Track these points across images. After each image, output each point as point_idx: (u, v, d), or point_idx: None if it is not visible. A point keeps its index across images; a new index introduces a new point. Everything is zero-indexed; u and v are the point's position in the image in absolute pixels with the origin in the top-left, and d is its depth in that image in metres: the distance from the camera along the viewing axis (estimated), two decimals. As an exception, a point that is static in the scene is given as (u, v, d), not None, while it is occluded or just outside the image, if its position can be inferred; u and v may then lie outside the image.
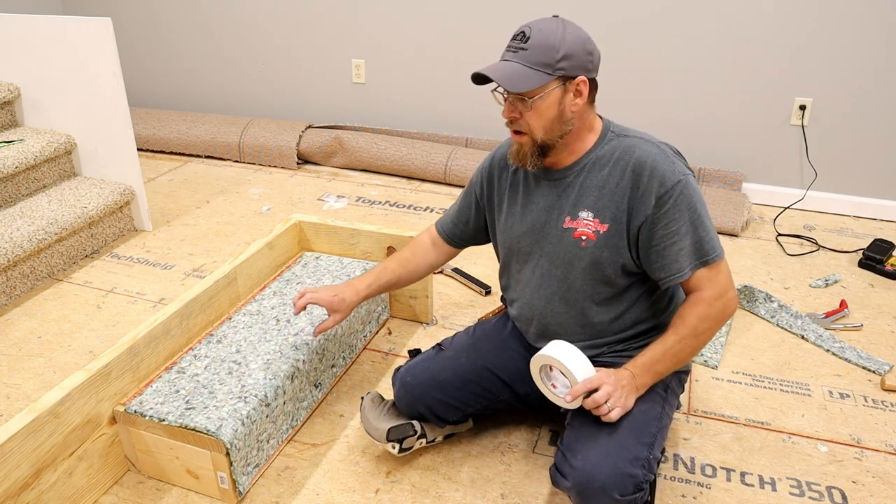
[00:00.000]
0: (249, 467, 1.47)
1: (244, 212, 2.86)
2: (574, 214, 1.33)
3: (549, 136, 1.27)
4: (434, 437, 1.56)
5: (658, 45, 2.85)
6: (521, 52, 1.23)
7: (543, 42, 1.22)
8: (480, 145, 3.24)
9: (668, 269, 1.28)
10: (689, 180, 1.27)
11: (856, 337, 2.03)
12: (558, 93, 1.25)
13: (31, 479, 1.31)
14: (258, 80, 3.61)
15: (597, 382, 1.25)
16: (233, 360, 1.62)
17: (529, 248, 1.41)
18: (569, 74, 1.24)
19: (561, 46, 1.23)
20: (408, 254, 1.63)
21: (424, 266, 1.63)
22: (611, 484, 1.19)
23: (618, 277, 1.34)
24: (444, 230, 1.61)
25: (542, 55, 1.22)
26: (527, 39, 1.23)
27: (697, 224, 1.27)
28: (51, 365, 1.91)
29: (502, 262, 1.52)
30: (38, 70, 2.57)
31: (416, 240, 1.65)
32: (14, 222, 2.29)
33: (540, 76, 1.22)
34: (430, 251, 1.63)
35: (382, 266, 1.61)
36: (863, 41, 2.59)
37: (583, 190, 1.32)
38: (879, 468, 1.55)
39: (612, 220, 1.30)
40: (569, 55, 1.23)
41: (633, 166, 1.28)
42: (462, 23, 3.10)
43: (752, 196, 2.93)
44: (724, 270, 1.30)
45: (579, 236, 1.32)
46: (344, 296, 1.54)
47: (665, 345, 1.30)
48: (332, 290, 1.55)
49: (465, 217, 1.57)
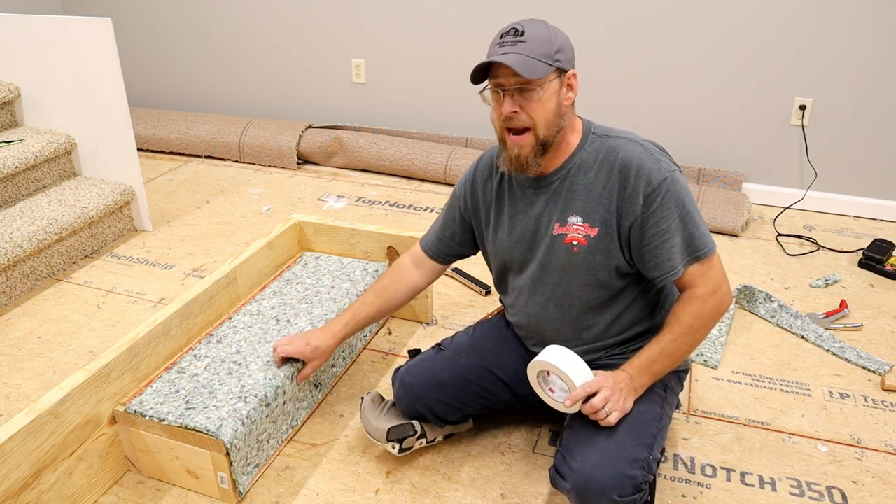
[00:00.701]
0: (249, 467, 1.47)
1: (244, 212, 2.86)
2: (563, 220, 1.32)
3: (549, 131, 1.26)
4: (434, 437, 1.56)
5: (658, 45, 2.85)
6: (521, 45, 1.22)
7: (540, 36, 1.23)
8: (480, 145, 3.24)
9: (662, 268, 1.28)
10: (676, 176, 1.27)
11: (856, 337, 2.03)
12: (556, 85, 1.25)
13: (31, 479, 1.31)
14: (258, 80, 3.61)
15: (595, 387, 1.25)
16: (233, 360, 1.62)
17: (522, 258, 1.40)
18: (563, 67, 1.25)
19: (554, 40, 1.24)
20: (386, 281, 1.58)
21: (405, 290, 1.58)
22: (610, 485, 1.19)
23: (612, 280, 1.33)
24: (429, 247, 1.57)
25: (542, 46, 1.22)
26: (522, 34, 1.22)
27: (687, 220, 1.26)
28: (51, 365, 1.91)
29: (496, 273, 1.51)
30: (38, 70, 2.57)
31: (397, 263, 1.61)
32: (14, 222, 2.29)
33: (544, 66, 1.22)
34: (411, 273, 1.58)
35: (360, 301, 1.58)
36: (863, 41, 2.59)
37: (570, 195, 1.32)
38: (879, 468, 1.55)
39: (602, 223, 1.29)
40: (562, 49, 1.25)
41: (620, 167, 1.27)
42: (462, 23, 3.10)
43: (752, 196, 2.93)
44: (717, 265, 1.30)
45: (570, 242, 1.32)
46: (317, 343, 1.52)
47: (661, 344, 1.29)
48: (305, 339, 1.53)
49: (449, 231, 1.54)
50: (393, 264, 1.62)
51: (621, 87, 2.95)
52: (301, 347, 1.53)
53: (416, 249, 1.60)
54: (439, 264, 1.58)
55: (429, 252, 1.57)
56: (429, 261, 1.58)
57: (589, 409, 1.25)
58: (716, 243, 1.30)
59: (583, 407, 1.26)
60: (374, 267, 2.04)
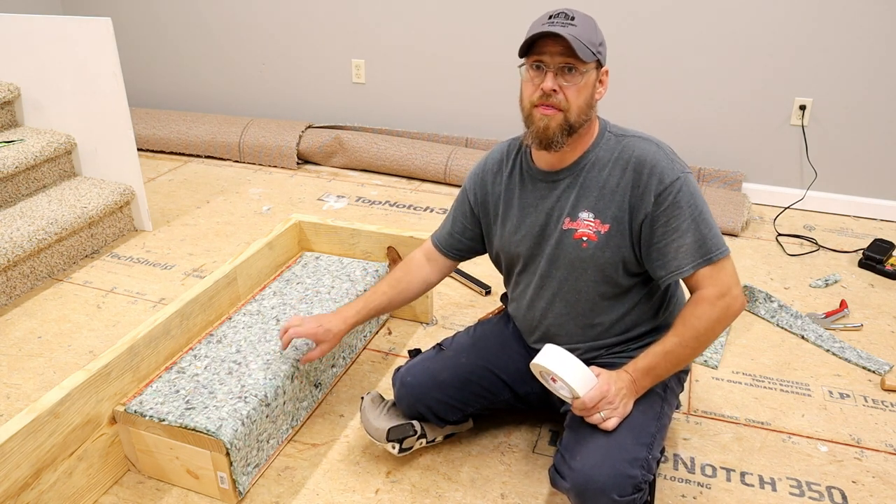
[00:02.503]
0: (249, 467, 1.47)
1: (244, 212, 2.86)
2: (574, 215, 1.32)
3: (579, 118, 1.26)
4: (434, 437, 1.56)
5: (658, 45, 2.85)
6: (572, 28, 1.21)
7: (588, 24, 1.24)
8: (480, 145, 3.24)
9: (668, 267, 1.27)
10: (689, 178, 1.27)
11: (856, 337, 2.03)
12: (594, 76, 1.26)
13: (31, 479, 1.31)
14: (258, 80, 3.61)
15: (598, 397, 1.24)
16: (233, 360, 1.62)
17: (529, 252, 1.40)
18: (602, 61, 1.26)
19: (598, 33, 1.25)
20: (399, 273, 1.57)
21: (417, 283, 1.57)
22: (609, 485, 1.19)
23: (620, 278, 1.33)
24: (441, 242, 1.56)
25: (590, 34, 1.23)
26: (573, 18, 1.22)
27: (700, 221, 1.26)
28: (51, 365, 1.91)
29: (505, 268, 1.50)
30: (38, 70, 2.57)
31: (410, 257, 1.60)
32: (14, 222, 2.29)
33: (591, 52, 1.22)
34: (423, 267, 1.58)
35: (373, 289, 1.57)
36: (863, 41, 2.59)
37: (582, 190, 1.32)
38: (879, 468, 1.55)
39: (614, 219, 1.29)
40: (603, 43, 1.27)
41: (634, 164, 1.27)
42: (462, 23, 3.10)
43: (752, 196, 2.93)
44: (729, 269, 1.28)
45: (580, 237, 1.32)
46: (329, 326, 1.50)
47: (666, 347, 1.28)
48: (318, 321, 1.51)
49: (459, 226, 1.53)
50: (406, 258, 1.61)
51: (621, 87, 2.94)
52: (314, 329, 1.50)
53: (427, 245, 1.59)
54: (450, 260, 1.57)
55: (440, 247, 1.56)
56: (440, 257, 1.57)
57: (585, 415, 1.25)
58: (729, 248, 1.29)
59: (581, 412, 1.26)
60: (374, 267, 2.04)
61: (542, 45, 1.22)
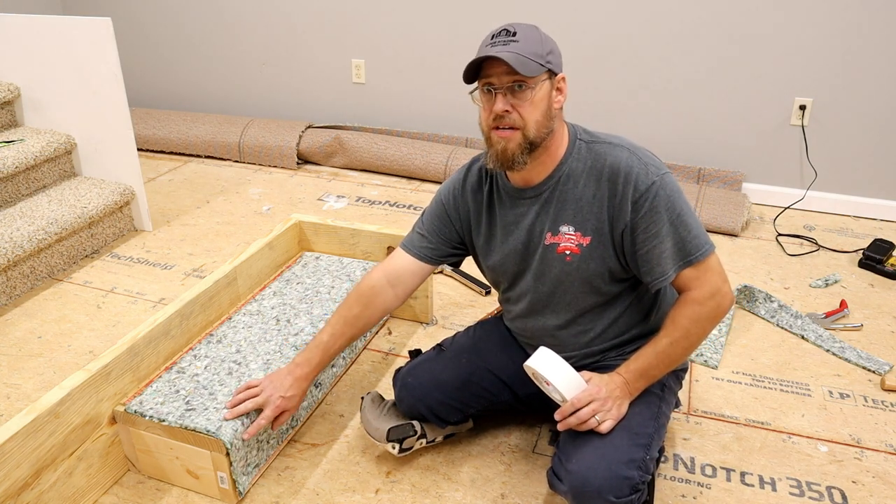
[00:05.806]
0: (249, 467, 1.47)
1: (244, 212, 2.86)
2: (555, 230, 1.32)
3: (539, 132, 1.24)
4: (434, 438, 1.56)
5: (658, 45, 2.85)
6: (514, 44, 1.21)
7: (531, 37, 1.23)
8: (480, 145, 3.23)
9: (653, 273, 1.27)
10: (665, 179, 1.25)
11: (856, 337, 2.03)
12: (547, 86, 1.24)
13: (31, 479, 1.31)
14: (258, 80, 3.61)
15: (586, 399, 1.24)
16: (233, 360, 1.62)
17: (515, 269, 1.40)
18: (554, 70, 1.25)
19: (545, 42, 1.24)
20: (357, 310, 1.46)
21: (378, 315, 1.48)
22: (606, 487, 1.19)
23: (607, 286, 1.33)
24: (414, 247, 1.47)
25: (534, 46, 1.22)
26: (514, 34, 1.22)
27: (678, 224, 1.25)
28: (51, 365, 1.91)
29: (491, 282, 1.51)
30: (38, 70, 2.57)
31: (368, 287, 1.47)
32: (14, 222, 2.29)
33: (537, 65, 1.21)
34: (385, 295, 1.47)
35: (330, 332, 1.46)
36: (863, 41, 2.59)
37: (560, 204, 1.31)
38: (879, 468, 1.55)
39: (595, 231, 1.29)
40: (552, 51, 1.25)
41: (608, 174, 1.26)
42: (462, 23, 3.10)
43: (752, 196, 2.93)
44: (714, 267, 1.27)
45: (563, 251, 1.31)
46: (293, 392, 1.42)
47: (657, 348, 1.29)
48: (277, 390, 1.41)
49: (435, 228, 1.47)
50: (362, 289, 1.47)
51: (621, 88, 2.94)
52: (279, 403, 1.40)
53: (392, 266, 1.48)
54: (426, 264, 1.48)
55: (415, 253, 1.47)
56: (410, 265, 1.47)
57: (575, 421, 1.25)
58: (714, 245, 1.29)
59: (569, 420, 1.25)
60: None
61: (488, 68, 1.22)
